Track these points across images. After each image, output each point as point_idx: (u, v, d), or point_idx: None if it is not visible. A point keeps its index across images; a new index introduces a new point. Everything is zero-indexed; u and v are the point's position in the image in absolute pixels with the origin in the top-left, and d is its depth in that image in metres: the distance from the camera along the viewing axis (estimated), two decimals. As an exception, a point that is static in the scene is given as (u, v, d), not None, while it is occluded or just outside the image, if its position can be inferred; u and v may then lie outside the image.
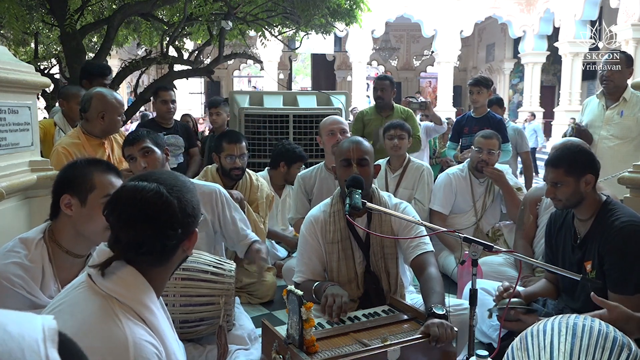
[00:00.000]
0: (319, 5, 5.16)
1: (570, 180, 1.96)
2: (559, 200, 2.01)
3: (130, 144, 2.34)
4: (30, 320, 0.52)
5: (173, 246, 1.16)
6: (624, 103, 3.46)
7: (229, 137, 3.03)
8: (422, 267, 2.04)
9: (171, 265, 1.20)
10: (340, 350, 1.62)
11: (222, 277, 2.01)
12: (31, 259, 1.56)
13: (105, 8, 5.60)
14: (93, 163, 1.64)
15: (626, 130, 3.44)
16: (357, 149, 2.15)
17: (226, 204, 2.47)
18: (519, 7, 14.98)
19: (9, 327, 0.48)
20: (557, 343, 1.18)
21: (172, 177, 1.19)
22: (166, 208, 1.11)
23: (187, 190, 1.18)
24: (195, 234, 1.20)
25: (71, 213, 1.58)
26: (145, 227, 1.10)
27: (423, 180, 3.53)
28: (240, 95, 4.65)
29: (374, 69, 19.97)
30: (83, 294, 1.09)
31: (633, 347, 1.18)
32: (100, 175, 1.60)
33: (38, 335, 0.50)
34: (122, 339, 1.01)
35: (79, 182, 1.58)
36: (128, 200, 1.11)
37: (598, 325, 1.20)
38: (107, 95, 2.75)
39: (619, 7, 10.57)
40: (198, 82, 18.30)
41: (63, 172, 1.64)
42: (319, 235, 2.19)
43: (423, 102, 4.82)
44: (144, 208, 1.10)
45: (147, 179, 1.15)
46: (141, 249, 1.11)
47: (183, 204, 1.14)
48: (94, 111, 2.70)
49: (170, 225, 1.12)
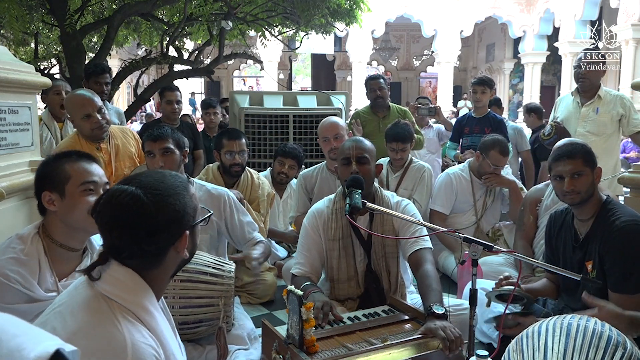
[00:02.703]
0: (319, 5, 5.15)
1: (588, 171, 1.97)
2: (578, 193, 1.97)
3: (152, 140, 2.34)
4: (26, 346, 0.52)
5: (157, 250, 1.13)
6: (599, 100, 3.58)
7: (229, 134, 3.09)
8: (418, 263, 2.05)
9: (166, 268, 1.17)
10: (340, 351, 1.62)
11: (221, 278, 2.01)
12: (27, 253, 1.58)
13: (105, 8, 5.60)
14: (63, 155, 1.67)
15: (602, 127, 3.57)
16: (356, 147, 2.17)
17: (235, 208, 2.48)
18: (519, 7, 14.97)
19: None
20: (551, 344, 1.19)
21: (157, 179, 1.15)
22: (141, 213, 1.08)
23: (172, 193, 1.13)
24: (185, 236, 1.16)
25: (55, 208, 1.61)
26: (121, 232, 1.09)
27: (423, 181, 3.53)
28: (240, 95, 4.64)
29: (374, 69, 19.96)
30: (83, 295, 1.09)
31: (628, 345, 1.18)
32: (72, 165, 1.63)
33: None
34: (120, 341, 1.01)
35: (53, 177, 1.61)
36: (105, 203, 1.11)
37: (593, 325, 1.20)
38: (69, 96, 2.73)
39: (619, 7, 10.56)
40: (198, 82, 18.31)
41: (38, 172, 1.67)
42: (320, 230, 2.20)
43: (432, 108, 4.78)
44: (118, 212, 1.09)
45: (130, 181, 1.14)
46: (122, 253, 1.10)
47: (161, 207, 1.10)
48: (69, 116, 2.70)
49: (146, 231, 1.09)
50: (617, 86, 11.11)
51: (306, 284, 2.05)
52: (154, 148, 2.33)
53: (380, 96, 4.11)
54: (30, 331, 0.66)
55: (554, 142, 2.81)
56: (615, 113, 3.55)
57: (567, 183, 1.97)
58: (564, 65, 13.38)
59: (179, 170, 2.37)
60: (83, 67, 4.48)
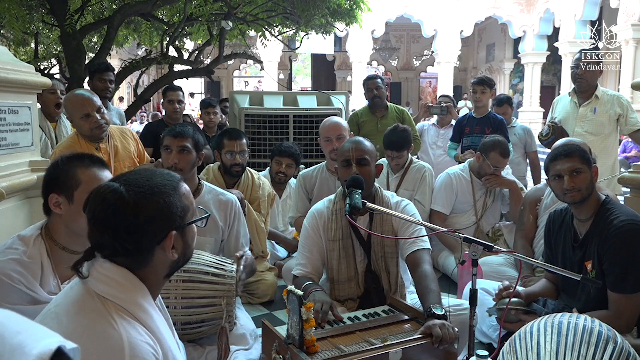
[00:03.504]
0: (319, 5, 5.16)
1: (586, 168, 1.99)
2: (578, 191, 1.98)
3: (173, 136, 2.34)
4: (27, 344, 0.52)
5: (140, 248, 1.10)
6: (597, 100, 3.60)
7: (230, 134, 3.09)
8: (416, 263, 2.04)
9: (155, 268, 1.15)
10: (340, 351, 1.62)
11: (223, 277, 2.01)
12: (29, 255, 1.57)
13: (105, 8, 5.60)
14: (75, 159, 1.63)
15: (600, 127, 3.59)
16: (356, 149, 2.16)
17: (238, 217, 2.48)
18: (519, 7, 14.98)
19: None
20: (544, 343, 1.19)
21: (145, 177, 1.12)
22: (120, 210, 1.07)
23: (156, 192, 1.11)
24: (171, 237, 1.12)
25: (61, 212, 1.59)
26: (101, 228, 1.08)
27: (424, 181, 3.53)
28: (240, 95, 4.64)
29: (374, 69, 19.95)
30: (78, 294, 1.09)
31: (619, 339, 1.19)
32: (85, 171, 1.60)
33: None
34: (117, 339, 1.01)
35: (63, 180, 1.58)
36: (91, 200, 1.11)
37: (583, 322, 1.21)
38: (68, 96, 2.71)
39: (619, 7, 10.56)
40: (198, 82, 18.32)
41: (48, 172, 1.64)
42: (321, 231, 2.20)
43: (444, 107, 4.75)
44: (99, 207, 1.08)
45: (119, 178, 1.13)
46: (103, 250, 1.10)
47: (142, 205, 1.08)
48: (68, 116, 2.69)
49: (125, 228, 1.07)
50: (617, 86, 11.13)
51: (307, 283, 2.05)
52: (173, 144, 2.33)
53: (377, 96, 4.11)
54: (32, 328, 0.66)
55: (552, 143, 2.82)
56: (612, 113, 3.56)
57: (567, 181, 1.98)
58: (564, 65, 13.38)
59: (192, 171, 2.37)
60: (83, 67, 4.49)
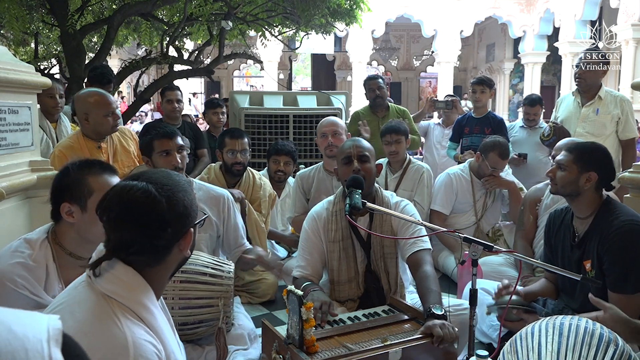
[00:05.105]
0: (319, 5, 5.16)
1: (574, 169, 1.98)
2: (555, 184, 2.05)
3: (168, 138, 2.30)
4: (35, 320, 0.52)
5: (165, 246, 1.14)
6: (600, 101, 3.59)
7: (231, 133, 3.12)
8: (417, 264, 2.04)
9: (168, 266, 1.18)
10: (340, 351, 1.62)
11: (220, 278, 2.01)
12: (35, 259, 1.56)
13: (105, 8, 5.60)
14: (86, 166, 1.62)
15: (602, 128, 3.57)
16: (357, 146, 2.19)
17: (233, 210, 2.50)
18: (519, 7, 14.97)
19: (14, 327, 0.48)
20: (545, 343, 1.19)
21: (165, 176, 1.16)
22: (154, 207, 1.09)
23: (180, 189, 1.15)
24: (190, 234, 1.17)
25: (74, 220, 1.57)
26: (132, 227, 1.09)
27: (423, 182, 3.53)
28: (240, 95, 4.64)
29: (374, 69, 19.95)
30: (83, 293, 1.09)
31: (620, 342, 1.19)
32: (96, 178, 1.58)
33: (42, 336, 0.50)
34: (121, 338, 1.01)
35: (75, 189, 1.56)
36: (116, 199, 1.11)
37: (584, 324, 1.21)
38: (89, 94, 2.71)
39: (619, 7, 10.56)
40: (198, 82, 18.31)
41: (58, 180, 1.62)
42: (321, 233, 2.20)
43: (450, 102, 4.70)
44: (130, 207, 1.09)
45: (138, 178, 1.14)
46: (130, 249, 1.10)
47: (173, 203, 1.12)
48: (79, 113, 2.69)
49: (158, 225, 1.10)
50: (617, 86, 11.12)
51: (306, 283, 2.05)
52: (170, 146, 2.29)
53: (379, 96, 4.11)
54: (25, 315, 0.64)
55: (554, 143, 2.82)
56: (615, 114, 3.55)
57: (550, 170, 2.07)
58: (564, 65, 13.38)
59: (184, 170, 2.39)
60: (83, 67, 4.49)
